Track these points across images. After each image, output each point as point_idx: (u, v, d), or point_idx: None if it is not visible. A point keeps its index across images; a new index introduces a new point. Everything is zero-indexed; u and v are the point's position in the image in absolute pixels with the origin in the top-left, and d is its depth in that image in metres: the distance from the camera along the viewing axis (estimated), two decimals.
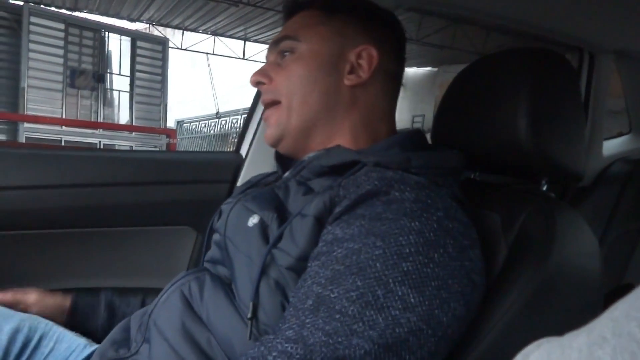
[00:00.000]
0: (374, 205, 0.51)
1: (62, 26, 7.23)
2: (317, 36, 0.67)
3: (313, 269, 0.50)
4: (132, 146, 7.76)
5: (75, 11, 7.83)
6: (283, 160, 0.73)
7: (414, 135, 0.67)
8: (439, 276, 0.48)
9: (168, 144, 7.84)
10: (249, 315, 0.54)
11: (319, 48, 0.67)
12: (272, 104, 0.69)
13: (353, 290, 0.46)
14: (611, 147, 1.71)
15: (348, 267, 0.48)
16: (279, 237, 0.56)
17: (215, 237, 0.69)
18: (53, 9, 7.53)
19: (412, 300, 0.46)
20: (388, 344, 0.45)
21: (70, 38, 7.38)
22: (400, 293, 0.46)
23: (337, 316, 0.45)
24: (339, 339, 0.44)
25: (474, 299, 0.52)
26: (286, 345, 0.45)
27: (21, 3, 7.06)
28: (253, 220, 0.60)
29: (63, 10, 7.67)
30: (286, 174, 0.69)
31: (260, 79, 0.69)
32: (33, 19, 6.88)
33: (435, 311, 0.47)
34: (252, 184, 0.77)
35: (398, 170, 0.56)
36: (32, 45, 6.83)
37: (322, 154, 0.64)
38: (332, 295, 0.47)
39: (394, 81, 0.71)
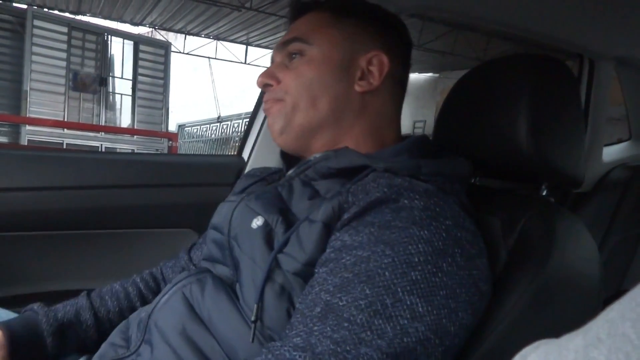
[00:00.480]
0: (383, 212, 0.51)
1: (65, 29, 7.24)
2: (328, 40, 0.66)
3: (321, 275, 0.50)
4: (133, 149, 7.77)
5: (78, 15, 7.87)
6: (288, 158, 0.72)
7: (422, 142, 0.66)
8: (447, 285, 0.48)
9: (169, 147, 7.84)
10: (253, 318, 0.54)
11: (330, 52, 0.65)
12: (276, 101, 0.67)
13: (362, 299, 0.46)
14: (611, 153, 1.71)
15: (357, 275, 0.47)
16: (285, 242, 0.55)
17: (215, 235, 0.68)
18: (56, 12, 7.57)
19: (421, 309, 0.46)
20: (396, 354, 0.44)
21: (73, 41, 7.38)
22: (408, 302, 0.46)
23: (346, 324, 0.45)
24: (347, 348, 0.44)
25: (480, 307, 0.52)
26: (294, 353, 0.44)
27: (25, 6, 7.10)
28: (257, 222, 0.59)
29: (66, 14, 7.71)
30: (290, 172, 0.68)
31: (267, 81, 0.68)
32: (36, 22, 6.89)
33: (443, 320, 0.47)
34: (256, 179, 0.75)
35: (406, 177, 0.55)
36: (35, 49, 6.84)
37: (330, 155, 0.63)
38: (340, 303, 0.46)
39: (401, 87, 0.70)
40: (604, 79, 1.54)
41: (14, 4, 7.23)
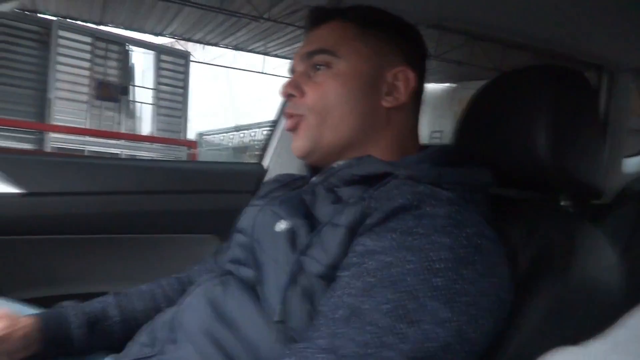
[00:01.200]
0: (406, 219, 0.51)
1: (89, 39, 7.40)
2: (356, 53, 0.65)
3: (344, 279, 0.50)
4: (153, 157, 7.86)
5: (101, 25, 8.04)
6: (312, 165, 0.73)
7: (444, 151, 0.66)
8: (468, 292, 0.48)
9: (189, 155, 7.92)
10: (276, 319, 0.55)
11: (358, 67, 0.65)
12: (299, 117, 0.67)
13: (385, 303, 0.46)
14: (632, 164, 1.69)
15: (380, 279, 0.48)
16: (308, 245, 0.56)
17: (240, 238, 0.69)
18: (80, 22, 7.74)
19: (442, 315, 0.46)
20: (417, 358, 0.45)
21: (97, 51, 7.54)
22: (430, 308, 0.46)
23: (369, 328, 0.45)
24: (369, 351, 0.44)
25: (501, 315, 0.52)
26: (318, 356, 0.45)
27: (51, 17, 7.29)
28: (281, 225, 0.60)
29: (90, 24, 7.88)
30: (314, 179, 0.69)
31: (292, 92, 0.67)
32: (61, 33, 7.05)
33: (464, 327, 0.47)
34: (280, 184, 0.76)
35: (428, 185, 0.55)
36: (60, 58, 6.99)
37: (353, 162, 0.64)
38: (363, 307, 0.47)
39: (419, 98, 0.71)
40: (623, 90, 1.53)
41: (40, 15, 7.42)
